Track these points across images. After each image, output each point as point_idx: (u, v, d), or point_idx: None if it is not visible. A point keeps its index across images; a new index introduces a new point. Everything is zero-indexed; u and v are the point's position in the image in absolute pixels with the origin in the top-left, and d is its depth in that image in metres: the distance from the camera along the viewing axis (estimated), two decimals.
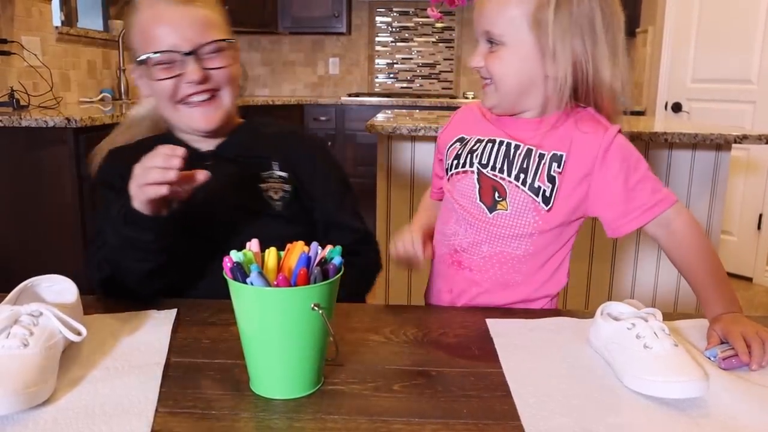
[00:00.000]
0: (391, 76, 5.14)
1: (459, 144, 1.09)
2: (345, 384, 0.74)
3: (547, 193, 1.00)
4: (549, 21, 0.94)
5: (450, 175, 1.09)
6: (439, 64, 5.08)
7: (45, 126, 2.20)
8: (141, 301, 0.96)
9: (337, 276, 0.70)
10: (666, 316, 0.82)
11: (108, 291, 1.03)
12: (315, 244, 0.73)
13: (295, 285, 0.68)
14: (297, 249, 0.73)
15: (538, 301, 1.08)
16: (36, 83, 2.90)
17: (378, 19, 5.05)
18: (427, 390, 0.74)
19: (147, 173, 0.87)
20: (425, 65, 5.10)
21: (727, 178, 2.32)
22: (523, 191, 1.01)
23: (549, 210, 1.01)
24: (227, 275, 0.69)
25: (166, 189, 0.88)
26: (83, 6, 3.67)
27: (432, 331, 0.90)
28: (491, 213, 1.03)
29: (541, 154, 1.00)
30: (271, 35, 4.98)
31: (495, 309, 1.01)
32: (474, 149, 1.06)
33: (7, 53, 2.71)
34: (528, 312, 1.00)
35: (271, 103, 4.34)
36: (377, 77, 5.15)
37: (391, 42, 5.08)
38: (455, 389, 0.74)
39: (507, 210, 1.02)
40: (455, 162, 1.08)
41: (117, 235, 0.96)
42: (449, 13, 4.92)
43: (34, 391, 0.67)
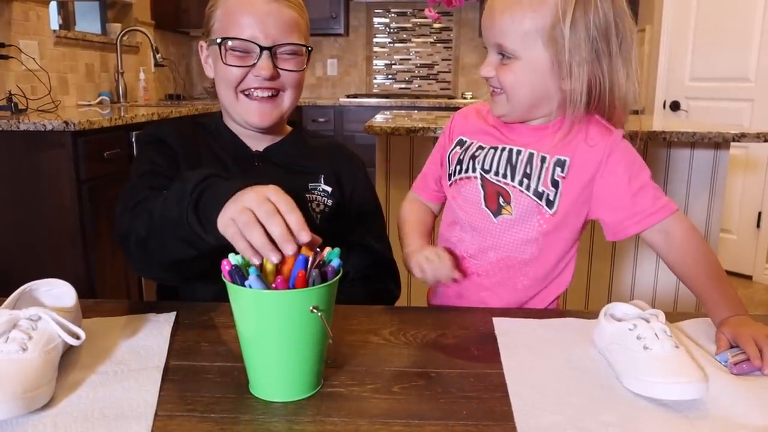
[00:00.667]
0: (390, 77, 5.14)
1: (459, 148, 1.09)
2: (344, 386, 0.74)
3: (551, 197, 1.00)
4: (565, 37, 0.93)
5: (453, 181, 1.09)
6: (437, 64, 5.08)
7: (43, 129, 2.20)
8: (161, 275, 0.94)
9: (336, 278, 0.70)
10: (671, 316, 0.82)
11: (132, 249, 0.94)
12: None
13: (294, 288, 0.67)
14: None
15: (543, 302, 1.08)
16: (34, 87, 2.90)
17: (375, 20, 5.05)
18: (427, 391, 0.74)
19: (253, 228, 0.70)
20: (423, 66, 5.10)
21: (726, 176, 2.32)
22: (527, 196, 1.01)
23: (554, 214, 1.01)
24: (225, 278, 0.69)
25: (253, 257, 0.71)
26: (81, 9, 3.67)
27: (431, 333, 0.90)
28: (496, 218, 1.03)
29: (543, 157, 1.00)
30: None
31: (498, 309, 1.01)
32: (476, 155, 1.05)
33: (5, 57, 2.71)
34: (533, 312, 1.00)
35: None
36: (375, 78, 5.15)
37: (389, 43, 5.08)
38: (454, 390, 0.74)
39: (512, 215, 1.02)
40: (458, 167, 1.08)
41: (177, 218, 0.82)
42: (447, 14, 4.92)
43: (33, 396, 0.66)
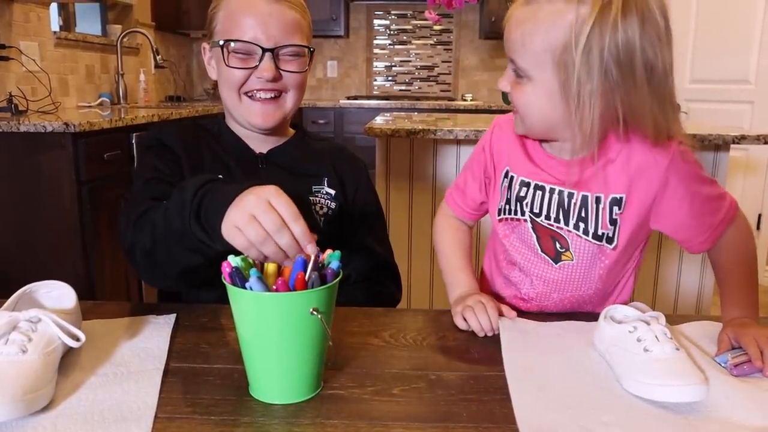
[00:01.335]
0: (390, 78, 5.14)
1: (506, 180, 1.02)
2: (344, 388, 0.74)
3: (610, 234, 0.96)
4: (575, 64, 0.82)
5: (501, 219, 1.04)
6: (438, 66, 5.08)
7: (44, 131, 2.20)
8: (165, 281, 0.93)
9: (336, 281, 0.70)
10: (671, 319, 0.82)
11: (138, 261, 0.94)
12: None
13: (294, 290, 0.67)
14: None
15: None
16: (35, 88, 2.90)
17: (376, 22, 5.05)
18: (427, 394, 0.74)
19: (266, 243, 0.70)
20: (423, 68, 5.10)
21: (726, 178, 2.32)
22: (587, 240, 0.97)
23: (614, 248, 0.97)
24: (226, 280, 0.69)
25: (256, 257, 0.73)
26: (81, 11, 3.67)
27: (431, 335, 0.90)
28: (557, 264, 1.00)
29: (598, 198, 0.94)
30: None
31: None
32: (522, 197, 0.99)
33: (6, 58, 2.71)
34: (535, 314, 0.99)
35: None
36: (375, 80, 5.15)
37: (389, 45, 5.08)
38: (455, 392, 0.74)
39: (573, 260, 0.99)
40: (506, 207, 1.02)
41: (180, 228, 0.82)
42: (447, 16, 4.92)
43: (32, 398, 0.66)
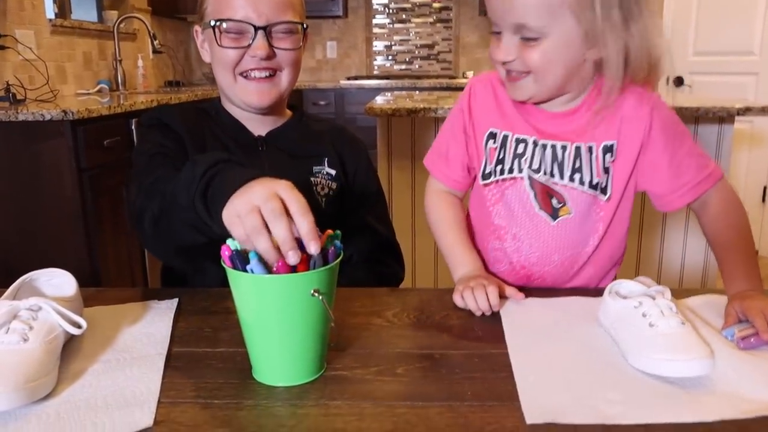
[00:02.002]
0: (390, 58, 5.10)
1: (494, 142, 1.01)
2: (348, 369, 0.74)
3: (603, 184, 0.97)
4: (596, 2, 0.87)
5: (492, 181, 1.02)
6: (438, 44, 5.04)
7: (42, 119, 2.19)
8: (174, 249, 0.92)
9: (337, 261, 0.70)
10: (676, 293, 0.81)
11: (146, 229, 0.93)
12: None
13: (295, 271, 0.67)
14: None
15: (604, 280, 1.07)
16: (32, 77, 2.88)
17: (374, 1, 5.00)
18: (431, 373, 0.73)
19: (260, 235, 0.66)
20: (423, 46, 5.05)
21: (731, 151, 2.30)
22: (582, 191, 0.97)
23: (608, 199, 0.98)
24: (225, 263, 0.68)
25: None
26: None
27: (435, 314, 0.90)
28: (555, 221, 1.00)
29: (590, 147, 0.96)
30: None
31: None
32: (521, 153, 0.99)
33: (2, 47, 2.69)
34: (539, 291, 0.98)
35: None
36: (375, 60, 5.11)
37: (389, 24, 5.03)
38: (459, 371, 0.74)
39: (571, 214, 0.99)
40: (498, 167, 1.01)
41: (186, 203, 0.80)
42: None
43: (35, 386, 0.66)
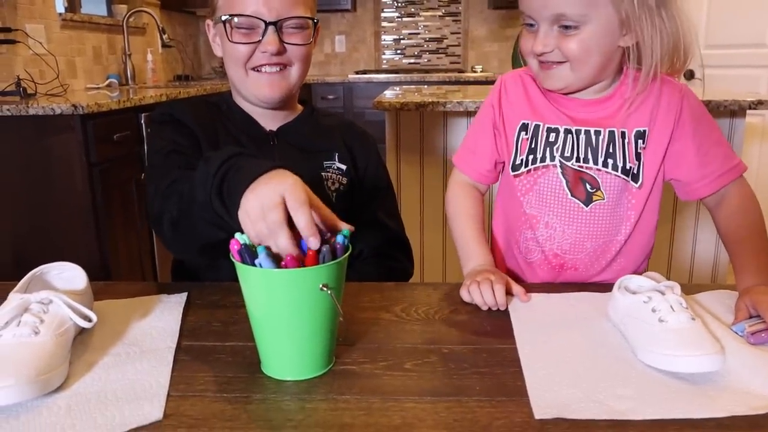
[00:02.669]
0: (398, 52, 5.08)
1: (526, 133, 1.03)
2: (356, 364, 0.74)
3: (635, 171, 0.99)
4: None
5: (523, 172, 1.04)
6: (447, 38, 5.02)
7: (52, 114, 2.20)
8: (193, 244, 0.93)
9: (345, 255, 0.70)
10: (686, 288, 0.80)
11: (165, 231, 0.94)
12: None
13: (304, 266, 0.67)
14: None
15: (636, 270, 1.07)
16: (42, 71, 2.89)
17: None
18: (440, 367, 0.73)
19: (268, 240, 0.69)
20: (432, 40, 5.04)
21: (743, 144, 2.28)
22: (616, 176, 0.99)
23: (640, 187, 1.00)
24: (234, 258, 0.69)
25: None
26: None
27: (443, 309, 0.90)
28: (588, 206, 1.01)
29: (623, 133, 0.98)
30: None
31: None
32: (552, 141, 1.01)
33: (12, 41, 2.70)
34: (547, 286, 0.98)
35: None
36: (384, 54, 5.10)
37: (397, 17, 5.02)
38: (467, 366, 0.73)
39: (604, 199, 1.00)
40: (530, 157, 1.03)
41: (203, 201, 0.81)
42: None
43: (46, 378, 0.67)
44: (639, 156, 0.99)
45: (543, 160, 1.02)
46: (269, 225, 0.68)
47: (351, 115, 4.45)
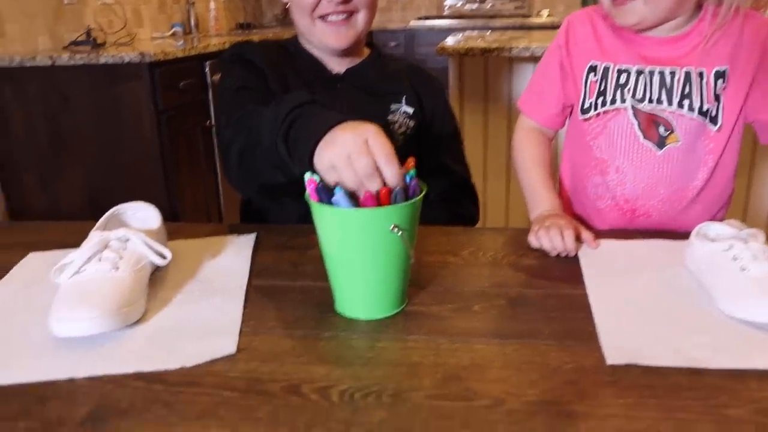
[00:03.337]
0: None
1: (594, 75, 1.00)
2: (425, 305, 0.74)
3: (713, 113, 0.94)
4: None
5: (593, 115, 1.00)
6: None
7: (121, 62, 2.25)
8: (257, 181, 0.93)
9: (419, 197, 0.69)
10: None
11: (232, 161, 0.94)
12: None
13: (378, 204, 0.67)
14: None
15: (713, 219, 1.03)
16: (111, 21, 2.95)
17: None
18: (508, 311, 0.73)
19: (373, 178, 0.67)
20: None
21: None
22: (692, 118, 0.95)
23: (719, 130, 0.95)
24: (311, 197, 0.69)
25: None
26: None
27: (511, 253, 0.88)
28: (661, 150, 0.97)
29: (701, 72, 0.94)
30: None
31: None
32: (623, 83, 0.97)
33: None
34: (619, 233, 0.95)
35: None
36: None
37: None
38: (536, 310, 0.73)
39: (679, 142, 0.96)
40: (600, 100, 0.99)
41: (268, 144, 0.80)
42: None
43: (127, 311, 0.69)
44: (718, 97, 0.94)
45: (613, 102, 0.98)
46: (361, 171, 0.66)
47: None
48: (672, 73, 0.94)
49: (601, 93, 0.99)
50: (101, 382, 0.61)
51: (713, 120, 0.95)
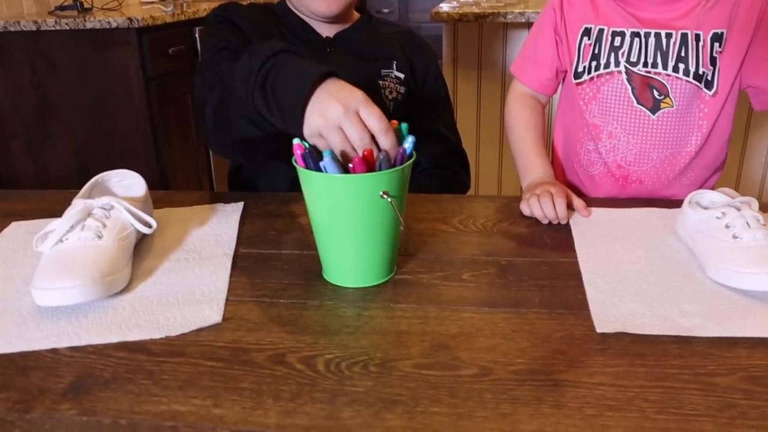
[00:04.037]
0: None
1: (588, 38, 0.98)
2: (413, 273, 0.73)
3: (709, 77, 0.93)
4: None
5: (586, 80, 0.99)
6: None
7: (108, 27, 2.20)
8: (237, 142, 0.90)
9: (408, 163, 0.67)
10: (763, 206, 0.75)
11: (208, 119, 0.92)
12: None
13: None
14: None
15: (705, 186, 1.03)
16: None
17: None
18: (497, 279, 0.72)
19: (347, 147, 0.67)
20: None
21: None
22: (687, 81, 0.93)
23: (714, 95, 0.94)
24: (298, 163, 0.67)
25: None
26: None
27: (501, 221, 0.87)
28: (655, 114, 0.96)
29: (698, 35, 0.92)
30: None
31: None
32: (617, 46, 0.95)
33: None
34: (611, 201, 0.95)
35: None
36: None
37: None
38: (526, 278, 0.72)
39: (673, 106, 0.95)
40: (593, 64, 0.97)
41: (243, 96, 0.78)
42: None
43: (111, 280, 0.68)
44: (714, 61, 0.92)
45: (607, 66, 0.96)
46: (354, 141, 0.66)
47: None
48: (668, 36, 0.92)
49: (595, 56, 0.97)
50: (84, 352, 0.60)
51: (708, 85, 0.93)
